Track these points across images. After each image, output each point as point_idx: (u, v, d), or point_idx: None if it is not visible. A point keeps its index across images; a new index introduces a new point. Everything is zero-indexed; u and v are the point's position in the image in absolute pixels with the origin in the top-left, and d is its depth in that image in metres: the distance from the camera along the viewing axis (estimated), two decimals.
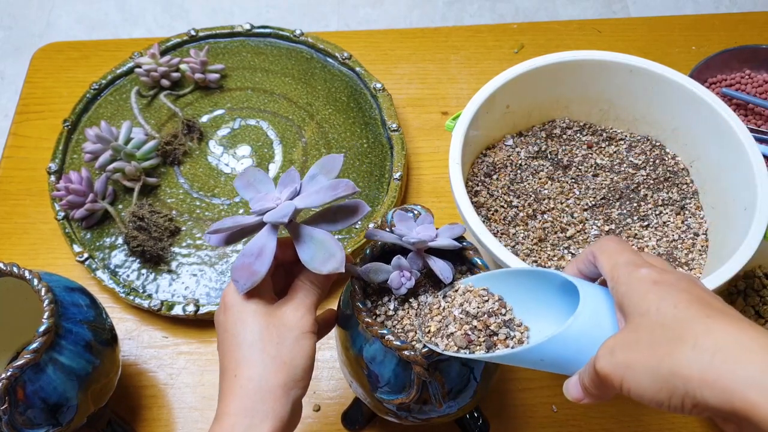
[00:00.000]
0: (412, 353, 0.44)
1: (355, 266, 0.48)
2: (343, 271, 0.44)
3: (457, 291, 0.47)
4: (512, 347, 0.43)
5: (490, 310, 0.44)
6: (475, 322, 0.44)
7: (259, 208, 0.45)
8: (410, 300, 0.49)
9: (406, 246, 0.48)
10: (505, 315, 0.44)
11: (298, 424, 0.46)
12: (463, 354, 0.43)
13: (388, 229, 0.50)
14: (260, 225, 0.45)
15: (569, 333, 0.39)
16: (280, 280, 0.49)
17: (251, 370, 0.43)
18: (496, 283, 0.47)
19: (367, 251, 0.50)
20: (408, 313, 0.48)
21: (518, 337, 0.43)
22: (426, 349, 0.44)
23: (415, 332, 0.47)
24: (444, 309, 0.46)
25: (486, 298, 0.45)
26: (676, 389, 0.33)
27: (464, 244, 0.50)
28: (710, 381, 0.32)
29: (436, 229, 0.49)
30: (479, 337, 0.43)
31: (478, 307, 0.45)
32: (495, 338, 0.43)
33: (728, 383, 0.31)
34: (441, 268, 0.47)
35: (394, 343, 0.45)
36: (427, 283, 0.49)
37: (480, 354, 0.43)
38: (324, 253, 0.44)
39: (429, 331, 0.45)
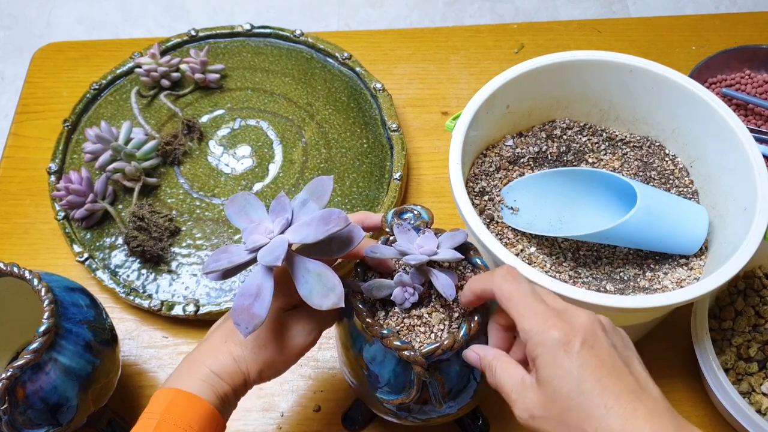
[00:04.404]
0: (412, 353, 0.44)
1: (357, 282, 0.48)
2: (343, 305, 0.43)
3: None
4: None
5: None
6: None
7: (252, 243, 0.44)
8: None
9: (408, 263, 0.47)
10: None
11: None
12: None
13: (387, 229, 0.50)
14: (255, 260, 0.44)
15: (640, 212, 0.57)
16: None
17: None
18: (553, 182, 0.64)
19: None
20: (408, 313, 0.48)
21: None
22: (426, 350, 0.44)
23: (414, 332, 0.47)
24: None
25: None
26: None
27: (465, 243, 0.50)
28: None
29: (437, 236, 0.48)
30: None
31: None
32: None
33: None
34: (443, 284, 0.46)
35: (395, 343, 0.45)
36: (431, 295, 0.49)
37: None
38: (322, 287, 0.43)
39: None
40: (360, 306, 0.47)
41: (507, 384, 0.42)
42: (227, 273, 0.46)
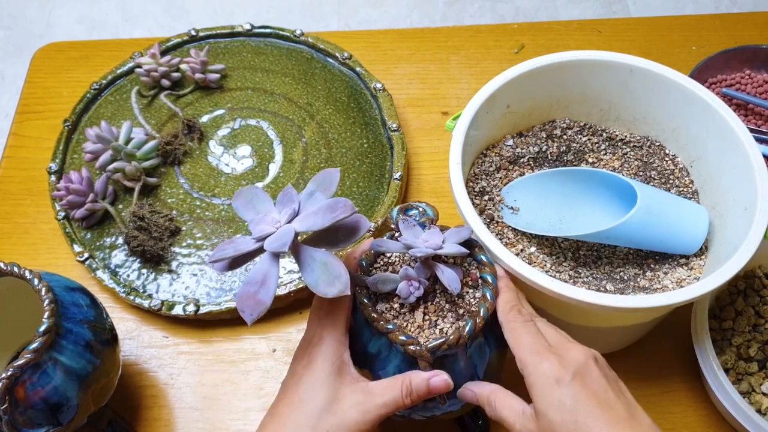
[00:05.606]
0: (418, 348, 0.44)
1: (362, 276, 0.48)
2: (349, 293, 0.43)
3: None
4: None
5: None
6: None
7: (259, 233, 0.44)
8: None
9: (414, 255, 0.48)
10: None
11: None
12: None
13: (393, 226, 0.50)
14: (261, 249, 0.44)
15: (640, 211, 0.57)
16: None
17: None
18: (551, 182, 0.64)
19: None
20: (413, 308, 0.48)
21: None
22: (431, 345, 0.45)
23: (421, 329, 0.47)
24: None
25: None
26: None
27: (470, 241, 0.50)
28: None
29: (442, 232, 0.48)
30: None
31: None
32: None
33: None
34: (449, 278, 0.46)
35: (400, 338, 0.45)
36: (436, 290, 0.49)
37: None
38: (328, 275, 0.43)
39: None
40: (366, 300, 0.47)
41: (509, 416, 0.44)
42: (234, 262, 0.46)
